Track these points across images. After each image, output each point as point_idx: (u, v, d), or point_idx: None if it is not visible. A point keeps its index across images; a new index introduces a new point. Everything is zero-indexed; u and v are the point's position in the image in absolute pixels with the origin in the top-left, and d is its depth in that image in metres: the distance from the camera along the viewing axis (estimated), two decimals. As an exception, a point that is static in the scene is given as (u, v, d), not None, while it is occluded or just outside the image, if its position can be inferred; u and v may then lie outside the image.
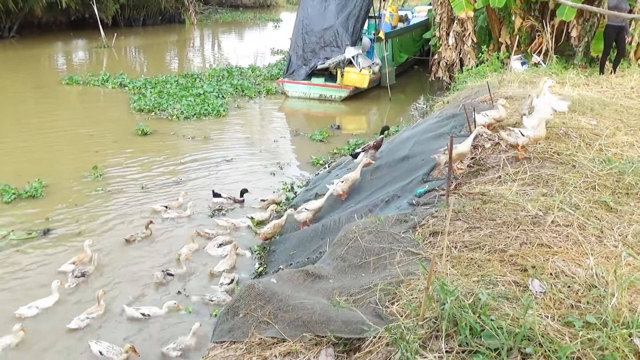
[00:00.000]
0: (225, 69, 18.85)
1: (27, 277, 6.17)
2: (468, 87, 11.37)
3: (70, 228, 7.33)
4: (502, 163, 5.56)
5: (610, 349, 2.57)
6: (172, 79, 16.65)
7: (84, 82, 16.52)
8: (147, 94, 14.80)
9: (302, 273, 4.10)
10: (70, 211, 7.81)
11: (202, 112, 13.15)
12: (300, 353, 3.16)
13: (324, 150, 10.87)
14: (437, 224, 4.39)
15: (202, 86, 15.79)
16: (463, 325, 2.71)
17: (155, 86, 15.79)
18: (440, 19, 14.89)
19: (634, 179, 4.97)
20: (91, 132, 11.64)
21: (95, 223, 7.49)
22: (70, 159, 10.02)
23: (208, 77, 17.36)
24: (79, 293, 5.91)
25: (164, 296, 5.90)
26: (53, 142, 10.97)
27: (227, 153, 10.59)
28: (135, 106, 13.62)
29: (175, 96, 14.55)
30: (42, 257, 6.61)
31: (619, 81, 10.46)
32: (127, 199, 8.29)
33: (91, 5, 24.64)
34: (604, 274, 3.32)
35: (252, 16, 39.98)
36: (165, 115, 13.02)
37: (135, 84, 16.03)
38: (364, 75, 14.93)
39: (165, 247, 6.93)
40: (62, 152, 10.46)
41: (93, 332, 5.28)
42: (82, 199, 8.19)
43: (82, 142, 10.96)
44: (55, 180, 8.76)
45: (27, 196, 8.10)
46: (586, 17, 12.31)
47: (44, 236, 7.07)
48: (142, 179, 9.08)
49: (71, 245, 6.87)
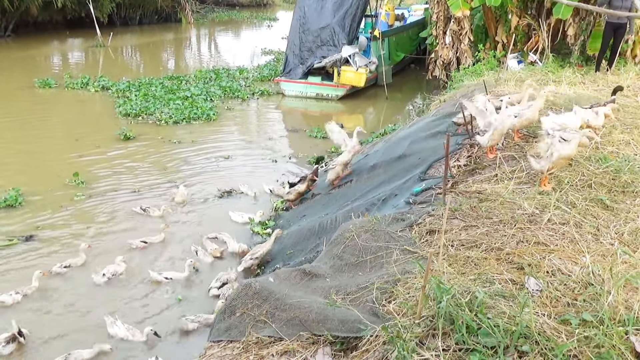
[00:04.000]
0: (212, 70, 18.02)
1: (6, 282, 6.10)
2: (464, 85, 11.38)
3: (53, 234, 7.19)
4: (498, 161, 5.57)
5: (606, 346, 2.58)
6: (157, 82, 15.87)
7: (59, 85, 15.62)
8: (132, 97, 14.15)
9: (299, 272, 4.10)
10: (51, 218, 7.62)
11: (192, 117, 12.65)
12: (297, 352, 3.15)
13: (322, 149, 10.85)
14: (434, 223, 4.40)
15: (189, 89, 15.14)
16: (460, 323, 2.71)
17: (139, 89, 15.02)
18: (437, 17, 14.89)
19: (630, 177, 4.98)
20: (75, 137, 11.20)
21: (78, 229, 7.35)
22: (53, 165, 9.69)
23: (195, 79, 16.65)
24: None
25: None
26: (35, 147, 10.60)
27: (223, 154, 10.49)
28: (121, 110, 13.00)
29: (162, 99, 13.94)
30: (22, 263, 6.51)
31: (615, 79, 10.49)
32: (111, 204, 8.13)
33: (87, 4, 24.56)
34: (600, 272, 3.33)
35: (248, 15, 39.90)
36: (153, 120, 12.52)
37: (118, 87, 15.26)
38: (360, 74, 14.93)
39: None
40: (43, 158, 10.10)
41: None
42: (63, 205, 7.98)
43: (64, 148, 10.55)
44: (36, 188, 8.50)
45: (5, 205, 7.81)
46: (582, 16, 12.33)
47: (26, 242, 6.94)
48: (126, 184, 8.86)
49: (53, 251, 6.79)
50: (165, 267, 6.53)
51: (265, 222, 7.56)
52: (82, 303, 5.79)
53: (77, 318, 5.56)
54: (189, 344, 5.14)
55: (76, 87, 15.62)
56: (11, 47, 22.86)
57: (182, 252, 6.85)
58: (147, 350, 5.12)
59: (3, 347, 4.90)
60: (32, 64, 19.84)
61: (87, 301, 5.81)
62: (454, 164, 5.89)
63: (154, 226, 7.42)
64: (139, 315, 5.61)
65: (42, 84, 15.55)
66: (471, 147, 6.29)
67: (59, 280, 6.15)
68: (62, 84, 15.84)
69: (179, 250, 6.93)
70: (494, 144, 5.79)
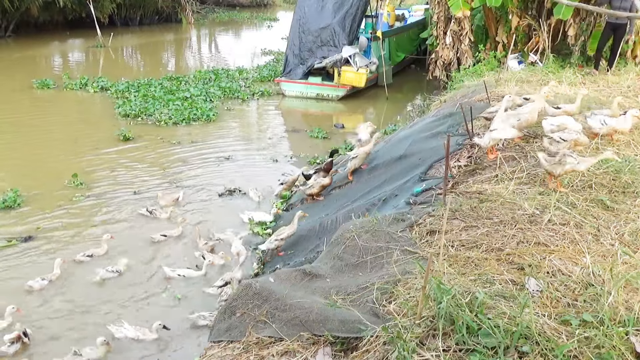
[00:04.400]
0: (212, 71, 17.95)
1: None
2: (465, 86, 11.37)
3: (53, 236, 7.19)
4: (498, 162, 5.57)
5: (606, 347, 2.58)
6: (156, 82, 15.85)
7: (58, 86, 15.58)
8: (131, 98, 14.12)
9: (299, 272, 4.10)
10: (50, 218, 7.63)
11: (191, 117, 12.62)
12: (298, 352, 3.15)
13: (322, 149, 10.85)
14: (434, 223, 4.40)
15: (188, 89, 15.10)
16: (460, 323, 2.71)
17: (138, 90, 15.00)
18: (437, 18, 14.89)
19: (631, 178, 4.98)
20: (74, 138, 11.19)
21: (77, 230, 7.36)
22: (52, 166, 9.69)
23: (194, 79, 16.57)
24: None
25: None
26: (34, 148, 10.58)
27: (223, 154, 10.46)
28: (121, 111, 12.98)
29: (161, 100, 13.92)
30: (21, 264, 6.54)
31: (615, 80, 10.48)
32: (110, 204, 8.14)
33: (88, 4, 24.57)
34: (600, 273, 3.33)
35: (248, 15, 39.91)
36: (153, 121, 12.51)
37: (117, 87, 15.22)
38: (361, 75, 14.92)
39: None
40: (42, 159, 10.07)
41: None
42: (62, 206, 7.99)
43: (63, 149, 10.54)
44: (35, 189, 8.50)
45: (3, 206, 7.84)
46: (583, 16, 12.33)
47: (25, 243, 6.95)
48: (125, 185, 8.85)
49: (51, 249, 6.81)
50: (167, 263, 6.58)
51: (266, 222, 7.57)
52: (81, 301, 5.84)
53: (79, 316, 5.62)
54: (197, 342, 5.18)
55: (75, 87, 15.59)
56: (12, 48, 22.88)
57: (184, 251, 6.90)
58: (158, 347, 5.20)
59: (8, 347, 4.96)
60: (32, 65, 19.83)
61: (89, 300, 5.86)
62: (455, 165, 5.89)
63: (155, 225, 7.49)
64: (144, 314, 5.67)
65: (41, 85, 15.52)
66: (471, 148, 6.29)
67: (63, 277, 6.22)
68: (60, 84, 15.80)
69: (179, 248, 6.99)
70: (494, 144, 5.81)
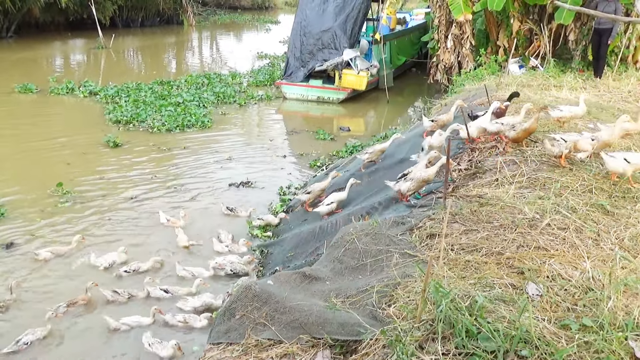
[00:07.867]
0: (204, 75, 17.55)
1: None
2: (466, 89, 11.40)
3: (36, 242, 7.07)
4: (499, 166, 5.57)
5: (606, 351, 2.58)
6: (146, 87, 15.45)
7: (41, 90, 15.15)
8: (122, 103, 13.70)
9: (299, 275, 4.10)
10: (34, 226, 7.49)
11: (185, 124, 12.22)
12: (297, 355, 3.15)
13: (323, 152, 10.85)
14: (434, 227, 4.40)
15: (180, 94, 14.70)
16: (459, 327, 2.71)
17: (129, 94, 14.58)
18: (439, 21, 14.93)
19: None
20: (62, 144, 10.91)
21: (61, 236, 7.25)
22: (38, 173, 9.43)
23: (186, 84, 16.17)
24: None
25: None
26: (20, 155, 10.30)
27: (219, 160, 10.30)
28: (112, 117, 12.56)
29: (153, 105, 13.52)
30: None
31: (616, 85, 10.51)
32: (96, 212, 7.97)
33: (89, 5, 24.63)
34: (600, 277, 3.33)
35: (250, 18, 40.01)
36: (145, 127, 12.11)
37: (106, 92, 14.76)
38: (361, 78, 14.95)
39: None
40: (30, 166, 9.82)
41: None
42: (47, 214, 7.85)
43: (49, 156, 10.26)
44: (19, 196, 8.35)
45: None
46: (584, 21, 12.37)
47: (7, 250, 6.84)
48: (113, 192, 8.67)
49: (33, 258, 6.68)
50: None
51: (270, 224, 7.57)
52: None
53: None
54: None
55: (61, 92, 15.09)
56: (13, 49, 22.93)
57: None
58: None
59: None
60: (33, 65, 19.89)
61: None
62: (455, 168, 5.89)
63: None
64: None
65: (23, 89, 15.10)
66: (472, 152, 6.30)
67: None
68: (46, 89, 15.33)
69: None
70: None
